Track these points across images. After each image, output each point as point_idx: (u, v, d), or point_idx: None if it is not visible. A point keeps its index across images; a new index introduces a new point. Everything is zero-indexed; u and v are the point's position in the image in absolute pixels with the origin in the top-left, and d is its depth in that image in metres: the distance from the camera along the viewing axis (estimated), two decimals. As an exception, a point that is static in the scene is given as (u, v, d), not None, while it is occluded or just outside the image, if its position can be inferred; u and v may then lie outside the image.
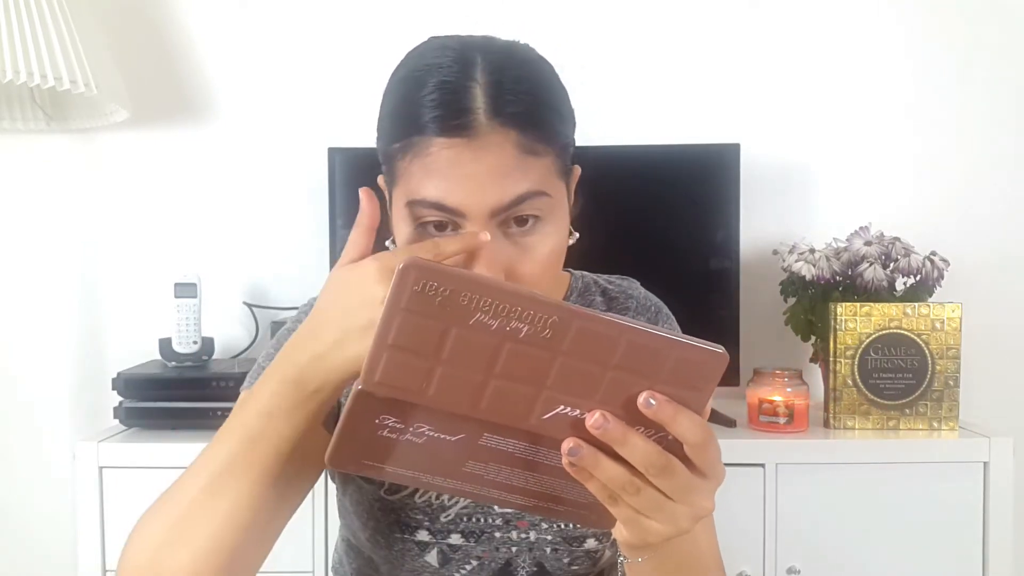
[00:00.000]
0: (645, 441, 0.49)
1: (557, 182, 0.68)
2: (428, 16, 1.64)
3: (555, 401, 0.49)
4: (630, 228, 1.50)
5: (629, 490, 0.51)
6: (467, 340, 0.46)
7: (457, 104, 0.64)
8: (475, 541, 0.78)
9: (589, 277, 0.88)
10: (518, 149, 0.64)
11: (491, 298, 0.45)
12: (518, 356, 0.47)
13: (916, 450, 1.34)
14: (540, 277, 0.67)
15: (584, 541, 0.79)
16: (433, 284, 0.45)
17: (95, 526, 1.33)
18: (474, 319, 0.46)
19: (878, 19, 1.68)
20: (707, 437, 0.50)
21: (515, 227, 0.66)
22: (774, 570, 1.32)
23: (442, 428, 0.51)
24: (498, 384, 0.48)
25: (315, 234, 1.64)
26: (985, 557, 1.32)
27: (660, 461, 0.50)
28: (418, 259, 0.45)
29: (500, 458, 0.53)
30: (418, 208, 0.65)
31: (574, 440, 0.49)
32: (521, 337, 0.46)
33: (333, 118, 1.67)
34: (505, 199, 0.64)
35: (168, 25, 1.69)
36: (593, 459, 0.50)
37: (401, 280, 0.45)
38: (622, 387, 0.48)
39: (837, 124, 1.69)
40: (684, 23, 1.68)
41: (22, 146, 1.68)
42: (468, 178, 0.63)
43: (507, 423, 0.50)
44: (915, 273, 1.43)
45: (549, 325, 0.46)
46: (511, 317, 0.46)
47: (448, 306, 0.45)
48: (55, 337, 1.70)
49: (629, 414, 0.49)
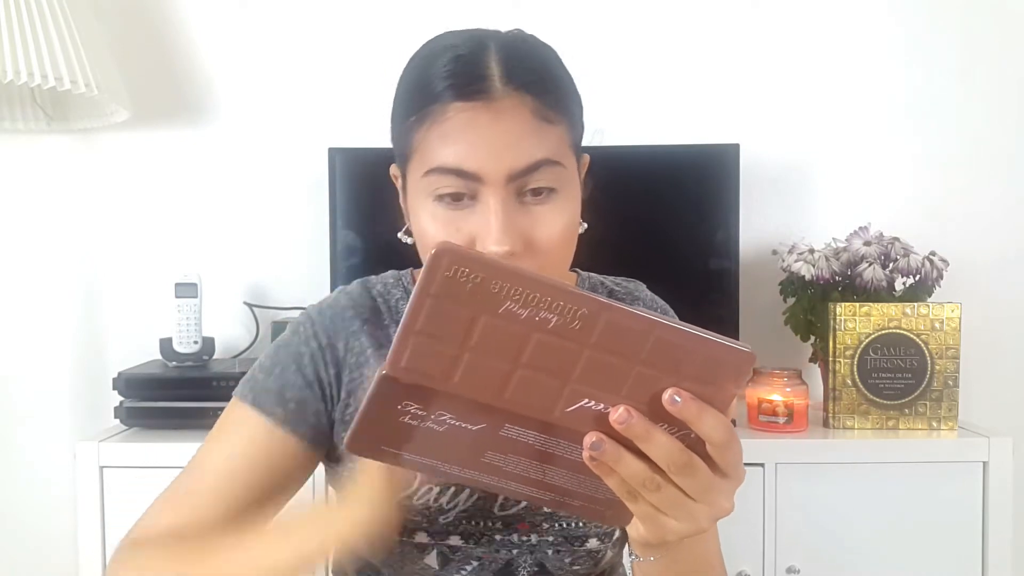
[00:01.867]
0: (668, 438, 0.49)
1: (570, 156, 0.69)
2: (428, 16, 1.63)
3: (580, 394, 0.48)
4: (630, 228, 1.50)
5: (649, 487, 0.50)
6: (495, 328, 0.46)
7: (473, 72, 0.65)
8: (475, 543, 0.78)
9: (596, 278, 0.88)
10: (534, 114, 0.65)
11: (522, 287, 0.45)
12: (546, 347, 0.46)
13: (915, 450, 1.34)
14: (555, 249, 0.68)
15: (586, 541, 0.78)
16: (464, 271, 0.44)
17: (96, 526, 1.33)
18: (504, 308, 0.45)
19: (877, 20, 1.68)
20: (730, 437, 0.49)
21: (531, 197, 0.67)
22: (773, 569, 1.32)
23: (464, 417, 0.50)
24: (524, 374, 0.47)
25: (315, 234, 1.64)
26: (984, 557, 1.32)
27: (682, 459, 0.49)
28: (451, 244, 0.45)
29: (520, 450, 0.52)
30: (436, 176, 0.66)
31: (597, 434, 0.49)
32: (550, 328, 0.46)
33: (333, 118, 1.67)
34: (522, 163, 0.65)
35: (168, 25, 1.69)
36: (615, 454, 0.49)
37: (433, 266, 0.44)
38: (648, 383, 0.48)
39: (836, 124, 1.69)
40: (684, 24, 1.68)
41: (23, 146, 1.69)
42: (485, 141, 0.64)
43: (531, 414, 0.49)
44: (914, 273, 1.43)
45: (578, 317, 0.46)
46: (541, 307, 0.45)
47: (478, 293, 0.45)
48: (56, 337, 1.71)
49: (653, 410, 0.48)
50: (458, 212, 0.67)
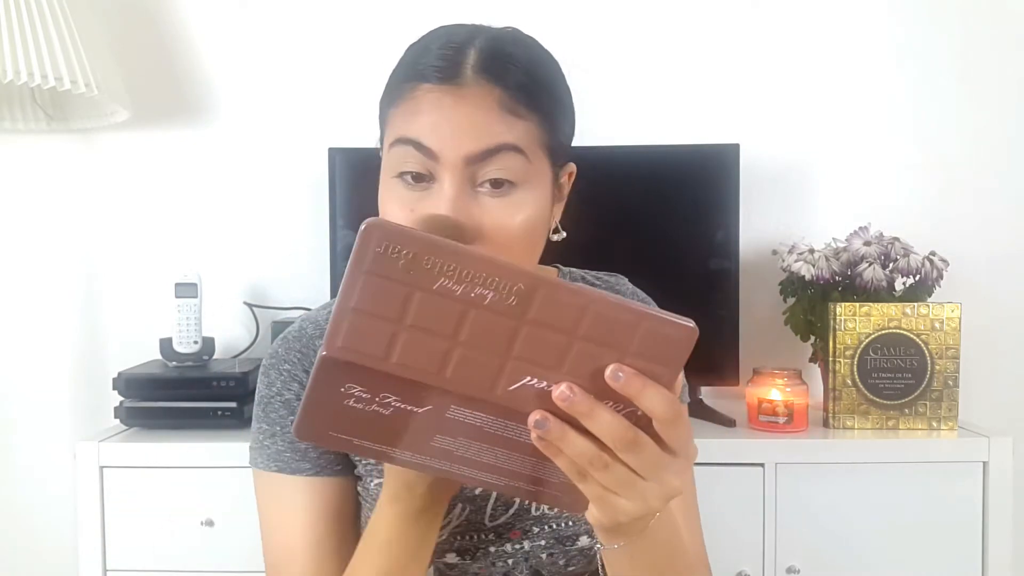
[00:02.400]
0: (613, 415, 0.48)
1: (539, 153, 0.68)
2: (428, 17, 1.63)
3: (521, 372, 0.48)
4: (630, 228, 1.51)
5: (597, 465, 0.50)
6: (431, 305, 0.45)
7: (451, 58, 0.66)
8: (470, 558, 0.77)
9: (577, 272, 0.88)
10: (500, 104, 0.65)
11: (455, 263, 0.44)
12: (483, 323, 0.46)
13: (915, 450, 1.34)
14: (510, 245, 0.67)
15: (576, 539, 0.78)
16: (396, 247, 0.44)
17: (96, 526, 1.33)
18: (438, 284, 0.45)
19: (877, 20, 1.68)
20: (676, 412, 0.49)
21: (489, 188, 0.66)
22: (773, 569, 1.32)
23: (408, 399, 0.49)
24: (463, 352, 0.47)
25: (315, 234, 1.64)
26: (984, 556, 1.32)
27: (628, 435, 0.49)
28: (381, 220, 0.44)
29: (469, 432, 0.51)
30: (397, 149, 0.67)
31: (541, 412, 0.48)
32: (486, 304, 0.45)
33: (333, 118, 1.67)
34: (479, 147, 0.65)
35: (169, 25, 1.69)
36: (560, 432, 0.49)
37: (363, 242, 0.44)
38: (590, 359, 0.47)
39: (836, 124, 1.69)
40: (684, 23, 1.68)
41: (23, 146, 1.69)
42: (446, 121, 0.65)
43: (473, 394, 0.49)
44: (914, 273, 1.43)
45: (514, 292, 0.45)
46: (476, 283, 0.45)
47: (412, 269, 0.44)
48: (56, 337, 1.71)
49: (597, 388, 0.48)
50: (415, 193, 0.67)
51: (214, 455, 1.32)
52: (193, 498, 1.33)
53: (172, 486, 1.33)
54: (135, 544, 1.34)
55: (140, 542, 1.34)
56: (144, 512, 1.33)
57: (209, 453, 1.32)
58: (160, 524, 1.33)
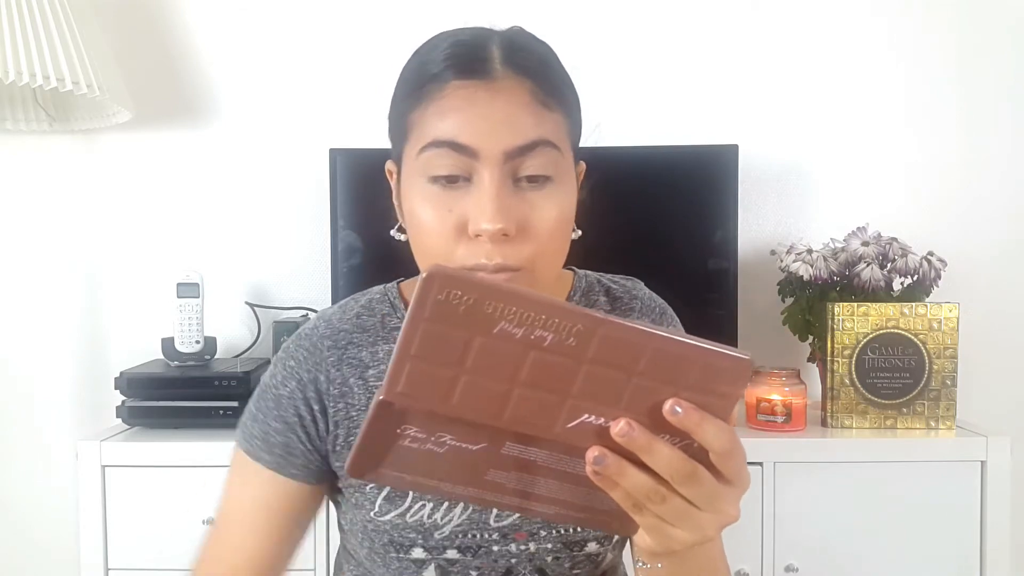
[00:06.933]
0: (671, 449, 0.48)
1: (567, 147, 0.68)
2: (428, 17, 1.64)
3: (580, 409, 0.48)
4: (629, 229, 1.51)
5: (654, 499, 0.50)
6: (491, 349, 0.45)
7: (473, 54, 0.65)
8: (472, 555, 0.77)
9: (593, 276, 0.87)
10: (532, 97, 0.65)
11: (516, 306, 0.45)
12: (543, 365, 0.46)
13: (913, 449, 1.34)
14: (549, 237, 0.66)
15: (585, 545, 0.77)
16: (457, 293, 0.44)
17: (98, 525, 1.34)
18: (498, 328, 0.45)
19: (876, 21, 1.68)
20: (733, 444, 0.49)
21: (527, 183, 0.66)
22: (772, 568, 1.33)
23: (464, 437, 0.50)
24: (522, 393, 0.47)
25: (317, 234, 1.65)
26: (982, 555, 1.33)
27: (686, 469, 0.49)
28: (442, 267, 0.44)
29: (523, 467, 0.52)
30: (431, 152, 0.65)
31: (599, 449, 0.48)
32: (546, 345, 0.46)
33: (334, 119, 1.68)
34: (518, 141, 0.64)
35: (170, 26, 1.70)
36: (618, 467, 0.49)
37: (424, 289, 0.44)
38: (647, 394, 0.47)
39: (835, 125, 1.69)
40: (683, 25, 1.69)
41: (25, 147, 1.69)
42: (482, 117, 0.63)
43: (531, 432, 0.49)
44: (912, 273, 1.44)
45: (574, 333, 0.45)
46: (536, 325, 0.45)
47: (472, 315, 0.45)
48: (58, 336, 1.71)
49: (654, 422, 0.48)
50: (451, 193, 0.65)
51: (216, 454, 1.32)
52: (195, 497, 1.33)
53: (174, 485, 1.34)
54: (137, 543, 1.35)
55: (142, 541, 1.35)
56: (146, 511, 1.34)
57: (211, 452, 1.33)
58: (162, 523, 1.34)
